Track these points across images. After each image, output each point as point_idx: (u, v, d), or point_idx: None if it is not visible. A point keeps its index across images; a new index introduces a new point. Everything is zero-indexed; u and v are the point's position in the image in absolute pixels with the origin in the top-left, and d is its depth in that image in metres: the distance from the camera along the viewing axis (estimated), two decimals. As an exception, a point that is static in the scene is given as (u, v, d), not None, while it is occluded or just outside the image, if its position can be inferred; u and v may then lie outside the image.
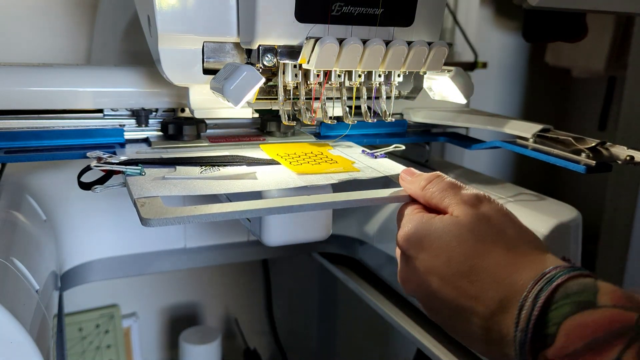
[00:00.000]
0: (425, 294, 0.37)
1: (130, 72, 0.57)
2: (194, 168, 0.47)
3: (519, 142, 0.59)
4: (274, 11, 0.45)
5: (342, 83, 0.50)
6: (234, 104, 0.45)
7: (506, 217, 0.37)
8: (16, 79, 0.53)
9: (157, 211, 0.37)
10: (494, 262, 0.34)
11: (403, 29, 0.49)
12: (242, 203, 0.38)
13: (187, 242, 0.73)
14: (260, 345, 1.17)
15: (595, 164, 0.52)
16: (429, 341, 0.61)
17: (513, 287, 0.33)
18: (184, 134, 0.56)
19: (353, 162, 0.51)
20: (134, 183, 0.42)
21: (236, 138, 0.59)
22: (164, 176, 0.44)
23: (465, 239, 0.35)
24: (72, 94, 0.55)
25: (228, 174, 0.46)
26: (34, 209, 0.61)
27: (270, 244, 0.47)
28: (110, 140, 0.56)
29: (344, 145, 0.58)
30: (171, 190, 0.41)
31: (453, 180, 0.40)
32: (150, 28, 0.49)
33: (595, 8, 0.56)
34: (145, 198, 0.39)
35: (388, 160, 0.53)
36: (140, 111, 0.57)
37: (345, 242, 0.79)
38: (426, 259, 0.36)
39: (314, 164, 0.49)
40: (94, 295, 1.00)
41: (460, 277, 0.34)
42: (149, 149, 0.54)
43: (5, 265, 0.42)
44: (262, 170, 0.47)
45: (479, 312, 0.34)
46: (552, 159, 0.55)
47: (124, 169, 0.45)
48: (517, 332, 0.31)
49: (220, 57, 0.51)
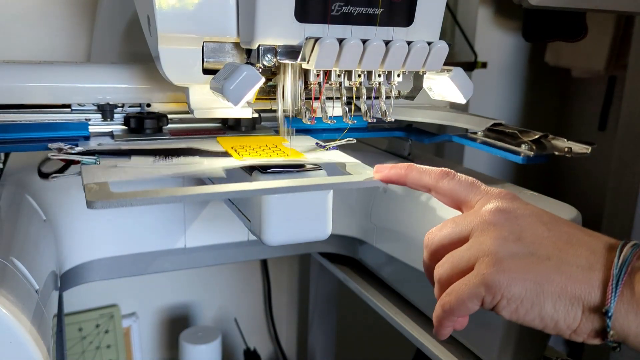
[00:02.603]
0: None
1: (99, 69, 0.60)
2: (148, 158, 0.49)
3: (469, 136, 0.63)
4: (273, 11, 0.45)
5: (342, 83, 0.50)
6: (234, 104, 0.46)
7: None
8: (48, 75, 0.56)
9: (103, 194, 0.38)
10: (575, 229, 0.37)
11: (403, 28, 0.49)
12: (194, 188, 0.40)
13: (187, 242, 0.73)
14: (260, 345, 1.17)
15: (533, 155, 0.55)
16: (428, 341, 0.61)
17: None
18: (146, 128, 0.58)
19: (303, 154, 0.53)
20: (87, 171, 0.44)
21: (197, 132, 0.61)
22: (117, 165, 0.46)
23: (545, 220, 0.38)
24: (38, 89, 0.57)
25: (179, 162, 0.48)
26: (34, 209, 0.61)
27: (270, 243, 0.47)
28: (74, 133, 0.57)
29: (300, 139, 0.60)
30: (120, 177, 0.43)
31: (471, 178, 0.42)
32: (150, 28, 0.50)
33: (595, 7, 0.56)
34: (95, 183, 0.41)
35: (338, 152, 0.55)
36: (105, 106, 0.59)
37: (345, 242, 0.79)
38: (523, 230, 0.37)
39: (264, 156, 0.51)
40: (93, 295, 1.00)
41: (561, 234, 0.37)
42: (111, 142, 0.56)
43: (4, 265, 0.42)
44: (209, 160, 0.50)
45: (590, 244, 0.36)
46: (495, 150, 0.58)
47: (80, 158, 0.47)
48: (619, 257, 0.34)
49: (220, 57, 0.51)
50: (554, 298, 0.34)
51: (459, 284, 0.36)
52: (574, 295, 0.34)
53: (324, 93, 0.50)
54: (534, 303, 0.34)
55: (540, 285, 0.34)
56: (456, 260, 0.38)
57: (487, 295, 0.35)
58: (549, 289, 0.34)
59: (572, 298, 0.34)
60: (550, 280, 0.34)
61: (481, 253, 0.36)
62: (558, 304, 0.34)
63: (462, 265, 0.37)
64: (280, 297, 1.21)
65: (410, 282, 0.67)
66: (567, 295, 0.34)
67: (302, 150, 0.55)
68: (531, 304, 0.34)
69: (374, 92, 0.53)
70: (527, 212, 0.38)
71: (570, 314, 0.34)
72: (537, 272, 0.35)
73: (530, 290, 0.34)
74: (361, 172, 0.48)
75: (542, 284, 0.34)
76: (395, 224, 0.69)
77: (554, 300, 0.34)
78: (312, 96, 0.50)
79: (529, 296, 0.34)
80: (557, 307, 0.34)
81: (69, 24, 0.88)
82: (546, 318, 0.34)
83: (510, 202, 0.39)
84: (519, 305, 0.35)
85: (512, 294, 0.34)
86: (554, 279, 0.34)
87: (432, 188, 0.43)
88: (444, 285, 0.38)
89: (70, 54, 0.89)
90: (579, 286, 0.34)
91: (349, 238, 0.78)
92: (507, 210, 0.38)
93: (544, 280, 0.34)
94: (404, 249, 0.66)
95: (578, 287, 0.34)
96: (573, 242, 0.36)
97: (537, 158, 0.55)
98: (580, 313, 0.34)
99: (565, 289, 0.34)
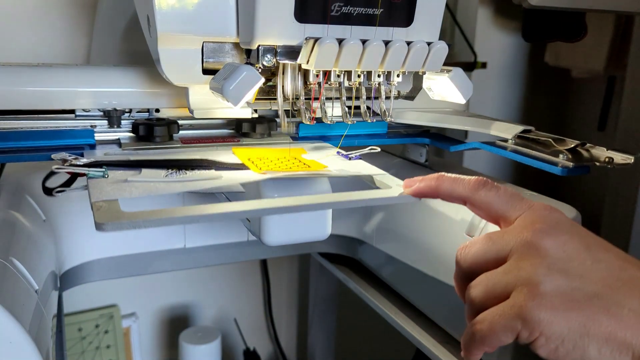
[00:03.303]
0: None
1: (103, 71, 0.57)
2: (160, 171, 0.46)
3: (498, 144, 0.58)
4: (273, 11, 0.45)
5: (342, 83, 0.50)
6: (234, 104, 0.46)
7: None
8: (47, 79, 0.53)
9: (112, 215, 0.35)
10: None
11: (402, 29, 0.49)
12: (211, 206, 0.37)
13: (187, 242, 0.73)
14: (260, 345, 1.17)
15: (573, 166, 0.51)
16: (428, 341, 0.61)
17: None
18: (155, 135, 0.55)
19: (325, 166, 0.49)
20: (94, 186, 0.41)
21: (209, 140, 0.58)
22: (127, 179, 0.43)
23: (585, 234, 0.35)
24: (43, 93, 0.54)
25: (194, 177, 0.45)
26: (34, 209, 0.61)
27: (270, 243, 0.47)
28: (79, 141, 0.54)
29: (319, 148, 0.57)
30: (131, 193, 0.40)
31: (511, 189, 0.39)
32: (150, 28, 0.50)
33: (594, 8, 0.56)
34: (104, 202, 0.37)
35: (362, 162, 0.52)
36: (112, 112, 0.56)
37: (345, 242, 0.79)
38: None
39: (284, 168, 0.48)
40: (93, 295, 1.00)
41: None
42: (118, 151, 0.53)
43: (4, 265, 0.42)
44: (228, 174, 0.47)
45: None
46: (530, 160, 0.54)
47: (86, 171, 0.43)
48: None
49: (220, 57, 0.51)
50: (600, 342, 0.31)
51: (493, 312, 0.33)
52: (623, 341, 0.31)
53: (323, 93, 0.50)
54: (577, 345, 0.31)
55: (585, 326, 0.31)
56: (491, 284, 0.34)
57: (524, 330, 0.32)
58: (595, 332, 0.31)
59: (622, 345, 0.31)
60: (598, 323, 0.31)
61: (520, 281, 0.33)
62: (604, 349, 0.31)
63: (498, 292, 0.34)
64: (280, 297, 1.21)
65: (410, 283, 0.67)
66: (615, 341, 0.31)
67: (322, 162, 0.51)
68: (573, 346, 0.31)
69: (374, 92, 0.53)
70: (575, 235, 0.34)
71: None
72: (583, 310, 0.31)
73: (574, 331, 0.31)
74: (391, 185, 0.45)
75: (588, 326, 0.31)
76: (395, 224, 0.69)
77: (600, 345, 0.31)
78: (311, 96, 0.50)
79: (572, 337, 0.31)
80: (602, 353, 0.31)
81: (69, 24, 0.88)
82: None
83: (556, 222, 0.35)
84: (559, 345, 0.31)
85: (552, 333, 0.31)
86: (602, 322, 0.31)
87: (467, 200, 0.39)
88: (476, 309, 0.35)
89: (69, 54, 0.89)
90: (631, 332, 0.31)
91: (348, 238, 0.78)
92: (552, 233, 0.34)
93: (590, 322, 0.31)
94: (404, 249, 0.66)
95: (629, 333, 0.31)
96: (625, 279, 0.32)
97: (577, 169, 0.51)
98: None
99: (614, 333, 0.31)
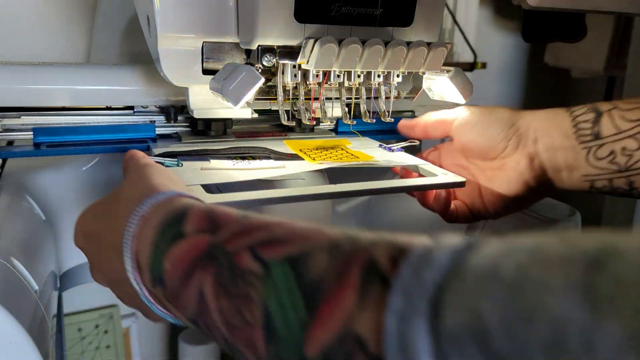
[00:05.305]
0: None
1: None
2: (226, 161, 0.50)
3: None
4: (273, 11, 0.45)
5: (342, 83, 0.50)
6: (234, 104, 0.46)
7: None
8: (49, 77, 0.56)
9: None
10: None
11: (402, 29, 0.49)
12: (283, 190, 0.43)
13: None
14: (259, 346, 1.17)
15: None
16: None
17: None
18: (212, 130, 0.59)
19: (372, 157, 0.53)
20: (177, 173, 0.45)
21: (260, 134, 0.62)
22: (201, 167, 0.48)
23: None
24: (110, 92, 0.58)
25: (260, 166, 0.49)
26: (34, 209, 0.61)
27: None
28: (142, 135, 0.58)
29: (361, 141, 0.60)
30: (212, 179, 0.45)
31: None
32: (150, 28, 0.50)
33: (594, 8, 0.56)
34: (190, 186, 0.42)
35: (405, 154, 0.55)
36: (169, 108, 0.60)
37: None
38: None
39: (335, 159, 0.52)
40: (93, 295, 0.99)
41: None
42: (180, 144, 0.57)
43: (4, 265, 0.42)
44: (288, 164, 0.50)
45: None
46: None
47: (162, 160, 0.48)
48: (130, 276, 0.31)
49: (220, 58, 0.51)
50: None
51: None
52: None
53: (323, 93, 0.51)
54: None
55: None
56: None
57: None
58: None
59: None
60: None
61: None
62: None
63: None
64: (280, 298, 1.21)
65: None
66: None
67: (368, 153, 0.55)
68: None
69: (374, 92, 0.53)
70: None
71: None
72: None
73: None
74: (436, 173, 0.50)
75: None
76: (394, 223, 0.69)
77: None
78: (311, 96, 0.50)
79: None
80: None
81: (68, 24, 0.88)
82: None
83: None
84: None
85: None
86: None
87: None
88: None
89: (69, 54, 0.89)
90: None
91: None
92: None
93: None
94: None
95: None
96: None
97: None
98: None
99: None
